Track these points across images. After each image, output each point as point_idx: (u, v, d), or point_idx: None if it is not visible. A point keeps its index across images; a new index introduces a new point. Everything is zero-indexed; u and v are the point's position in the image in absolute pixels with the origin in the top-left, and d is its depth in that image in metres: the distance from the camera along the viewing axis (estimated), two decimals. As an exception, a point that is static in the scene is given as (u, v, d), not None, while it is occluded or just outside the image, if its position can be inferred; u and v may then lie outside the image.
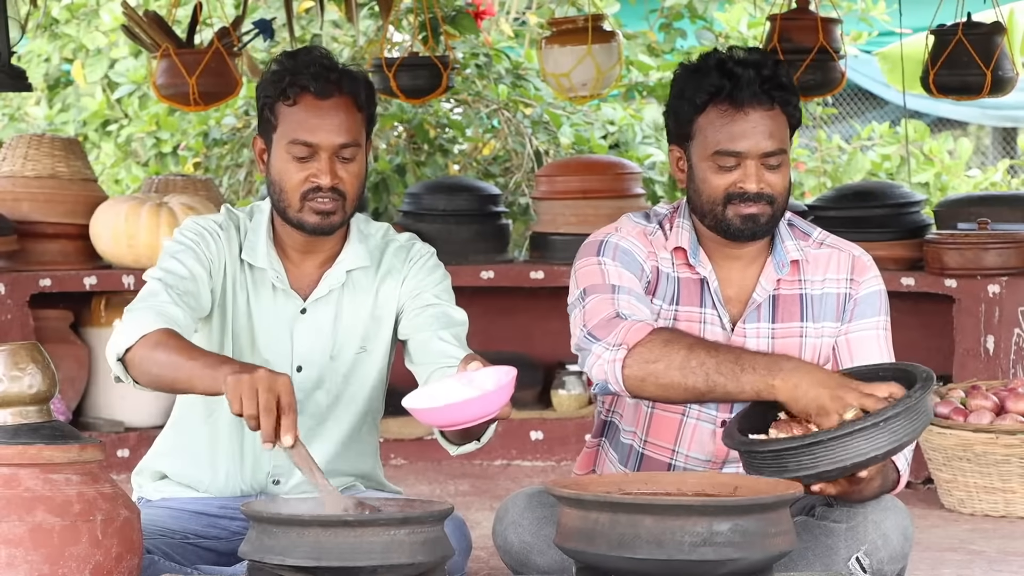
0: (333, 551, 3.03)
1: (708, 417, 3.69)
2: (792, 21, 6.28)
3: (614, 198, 6.52)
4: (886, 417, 3.20)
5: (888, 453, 3.25)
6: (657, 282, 3.68)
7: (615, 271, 3.62)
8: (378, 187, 7.88)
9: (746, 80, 3.55)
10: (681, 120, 3.64)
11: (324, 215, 3.62)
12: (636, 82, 8.76)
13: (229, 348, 3.70)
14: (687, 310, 3.67)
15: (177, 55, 6.10)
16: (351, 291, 3.73)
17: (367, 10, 7.97)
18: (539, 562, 3.50)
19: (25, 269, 6.25)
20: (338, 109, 3.61)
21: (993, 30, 6.07)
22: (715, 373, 3.39)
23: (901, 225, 6.25)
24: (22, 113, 9.67)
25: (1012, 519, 5.26)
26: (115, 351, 3.47)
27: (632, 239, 3.68)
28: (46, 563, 3.10)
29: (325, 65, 3.62)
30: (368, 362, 3.75)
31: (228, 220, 3.75)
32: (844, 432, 3.21)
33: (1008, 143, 14.13)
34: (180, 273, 3.62)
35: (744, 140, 3.56)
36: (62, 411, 6.05)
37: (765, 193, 3.58)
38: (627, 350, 3.46)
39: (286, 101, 3.62)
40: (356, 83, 3.65)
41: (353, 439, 3.77)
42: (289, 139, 3.61)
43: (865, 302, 3.71)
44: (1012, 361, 5.81)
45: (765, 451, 3.28)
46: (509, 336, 6.71)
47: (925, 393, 3.27)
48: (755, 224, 3.59)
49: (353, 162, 3.63)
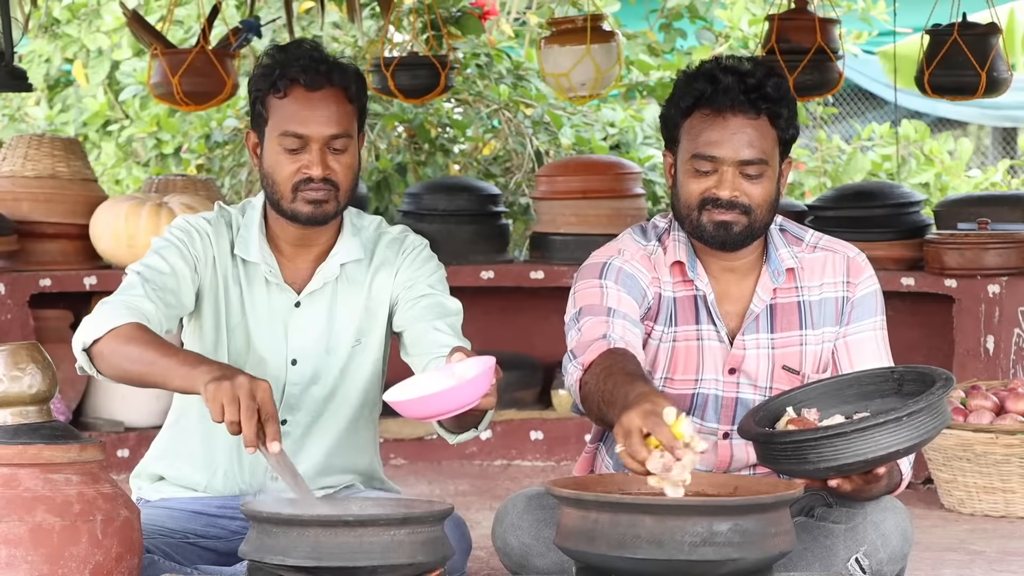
0: (333, 551, 3.03)
1: (710, 430, 3.68)
2: (790, 21, 6.28)
3: (614, 198, 6.52)
4: (909, 412, 3.20)
5: (909, 449, 3.25)
6: (659, 308, 3.68)
7: (615, 295, 3.61)
8: (379, 186, 7.88)
9: (726, 86, 3.54)
10: (669, 124, 3.65)
11: (316, 204, 3.62)
12: (636, 82, 8.75)
13: (224, 344, 3.71)
14: (684, 329, 3.67)
15: (163, 55, 6.12)
16: (345, 284, 3.74)
17: (368, 10, 7.97)
18: (539, 564, 3.50)
19: (25, 269, 6.26)
20: (328, 101, 3.62)
21: (988, 30, 6.08)
22: (604, 403, 3.33)
23: (901, 225, 6.25)
24: (22, 113, 9.67)
25: (1012, 519, 5.26)
26: (81, 341, 3.49)
27: (636, 263, 3.67)
28: (46, 563, 3.10)
29: (315, 57, 3.63)
30: (363, 355, 3.75)
31: (219, 217, 3.76)
32: (867, 425, 3.20)
33: (1008, 143, 14.13)
34: (161, 269, 3.63)
35: (721, 146, 3.55)
36: (62, 411, 6.05)
37: (739, 202, 3.56)
38: (583, 370, 3.47)
39: (276, 94, 3.63)
40: (346, 75, 3.65)
41: (350, 433, 3.77)
42: (280, 131, 3.62)
43: (862, 304, 3.71)
44: (1012, 361, 5.81)
45: (786, 442, 3.27)
46: (509, 336, 6.71)
47: (946, 391, 3.28)
48: (727, 232, 3.57)
49: (345, 153, 3.64)
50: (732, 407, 3.67)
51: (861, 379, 3.51)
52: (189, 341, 3.75)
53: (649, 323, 3.66)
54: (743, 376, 3.66)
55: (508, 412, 6.51)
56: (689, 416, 3.64)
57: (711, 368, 3.66)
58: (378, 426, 3.89)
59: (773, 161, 3.59)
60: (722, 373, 3.66)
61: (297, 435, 3.72)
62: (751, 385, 3.66)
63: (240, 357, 3.70)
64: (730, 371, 3.66)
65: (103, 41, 9.08)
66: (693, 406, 3.67)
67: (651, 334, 3.66)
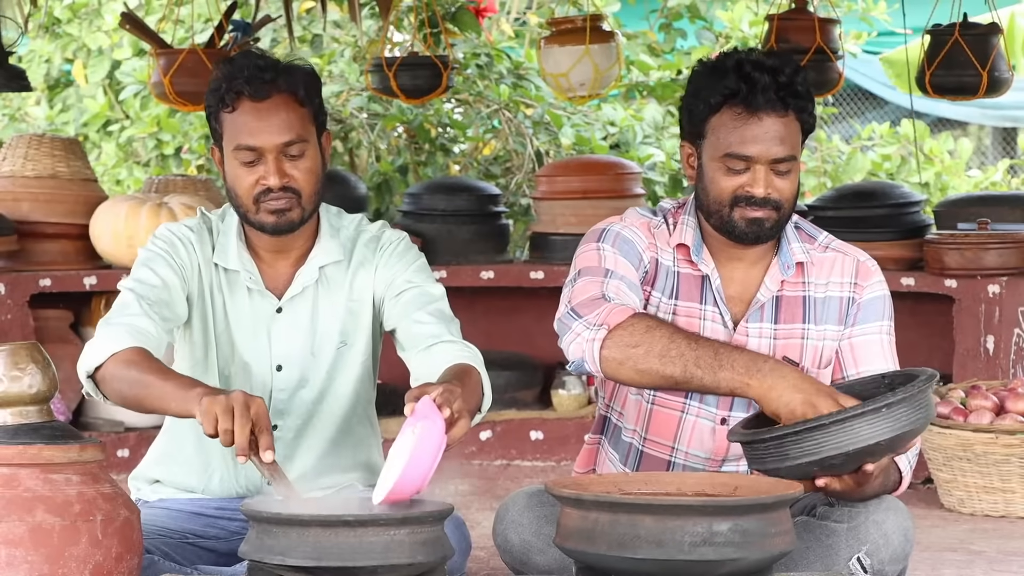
0: (333, 551, 3.03)
1: (708, 414, 3.69)
2: (790, 21, 6.28)
3: (614, 198, 6.52)
4: (888, 403, 3.20)
5: (891, 441, 3.23)
6: (656, 274, 3.68)
7: (612, 257, 3.62)
8: (380, 187, 7.88)
9: (762, 85, 3.53)
10: (695, 118, 3.64)
11: (280, 213, 3.61)
12: (636, 82, 8.75)
13: (214, 351, 3.71)
14: (687, 305, 3.67)
15: (158, 55, 6.13)
16: (325, 287, 3.73)
17: (367, 10, 7.97)
18: (539, 561, 3.51)
19: (25, 269, 6.26)
20: (278, 108, 3.60)
21: (989, 31, 6.08)
22: (693, 365, 3.38)
23: (901, 225, 6.25)
24: (22, 113, 9.67)
25: (1012, 519, 5.26)
26: (85, 368, 3.49)
27: (635, 228, 3.69)
28: (46, 563, 3.10)
29: (259, 66, 3.60)
30: (350, 356, 3.75)
31: (201, 224, 3.76)
32: (846, 416, 3.20)
33: (1008, 143, 14.13)
34: (152, 282, 3.63)
35: (756, 145, 3.56)
36: (62, 411, 6.05)
37: (772, 198, 3.58)
38: (607, 331, 3.45)
39: (226, 108, 3.62)
40: (294, 78, 3.62)
41: (344, 433, 3.77)
42: (234, 145, 3.61)
43: (869, 307, 3.71)
44: (1012, 361, 5.81)
45: (767, 439, 3.28)
46: (509, 336, 6.71)
47: (928, 385, 3.27)
48: (759, 228, 3.59)
49: (302, 158, 3.62)
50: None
51: (854, 386, 3.52)
52: (180, 350, 3.75)
53: (646, 288, 3.67)
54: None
55: (508, 412, 6.51)
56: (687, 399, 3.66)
57: None
58: (377, 422, 3.89)
59: (799, 155, 3.61)
60: (724, 356, 3.66)
61: (289, 439, 3.72)
62: None
63: (226, 365, 3.71)
64: (732, 355, 3.66)
65: (104, 40, 9.08)
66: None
67: (649, 299, 3.67)
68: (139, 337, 3.49)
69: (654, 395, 3.70)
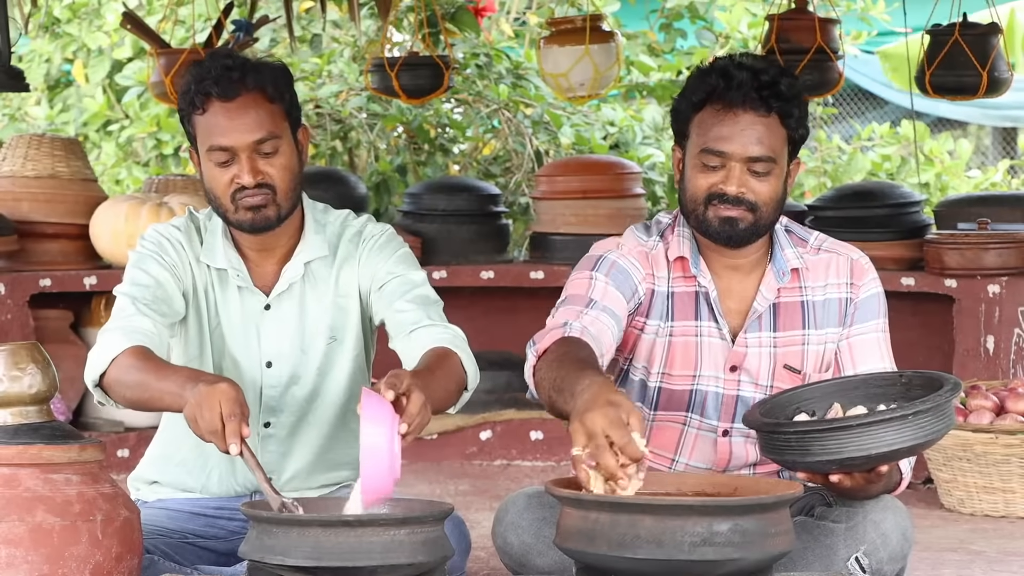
0: (333, 551, 3.03)
1: (709, 427, 3.69)
2: (790, 21, 6.28)
3: (614, 198, 6.52)
4: (916, 411, 3.21)
5: (912, 448, 3.25)
6: (651, 303, 3.67)
7: (602, 287, 3.60)
8: (379, 187, 7.88)
9: (739, 81, 3.54)
10: (680, 119, 3.65)
11: (256, 210, 3.62)
12: (636, 82, 8.75)
13: (208, 349, 3.73)
14: (683, 324, 3.67)
15: (158, 55, 6.13)
16: (312, 283, 3.74)
17: (367, 10, 7.97)
18: (539, 563, 3.50)
19: (25, 269, 6.26)
20: (247, 106, 3.60)
21: (989, 30, 6.08)
22: (554, 391, 3.31)
23: (901, 225, 6.25)
24: (22, 113, 9.66)
25: (1012, 519, 5.26)
26: (91, 378, 3.51)
27: (631, 259, 3.66)
28: (46, 563, 3.10)
29: (226, 66, 3.60)
30: (340, 351, 3.75)
31: (189, 223, 3.77)
32: (874, 420, 3.21)
33: (1008, 143, 14.14)
34: (144, 282, 3.64)
35: (730, 142, 3.55)
36: (62, 411, 6.05)
37: (745, 198, 3.55)
38: (537, 356, 3.44)
39: (196, 111, 3.62)
40: (262, 75, 3.62)
41: (339, 429, 3.77)
42: (207, 146, 3.62)
43: (865, 306, 3.71)
44: (1012, 361, 5.81)
45: (790, 432, 3.27)
46: (509, 336, 6.70)
47: (954, 394, 3.28)
48: (732, 228, 3.57)
49: (276, 155, 3.62)
50: (732, 404, 3.67)
51: (868, 381, 3.51)
52: (176, 347, 3.75)
53: (640, 318, 3.66)
54: (744, 374, 3.66)
55: (508, 412, 6.50)
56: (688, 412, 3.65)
57: (710, 365, 3.66)
58: None
59: (781, 160, 3.59)
60: (723, 370, 3.67)
61: (283, 436, 3.73)
62: (752, 383, 3.67)
63: (219, 361, 3.72)
64: (731, 368, 3.66)
65: (104, 40, 9.08)
66: (692, 402, 3.67)
67: (644, 329, 3.66)
68: (136, 336, 3.50)
69: (655, 409, 3.69)
